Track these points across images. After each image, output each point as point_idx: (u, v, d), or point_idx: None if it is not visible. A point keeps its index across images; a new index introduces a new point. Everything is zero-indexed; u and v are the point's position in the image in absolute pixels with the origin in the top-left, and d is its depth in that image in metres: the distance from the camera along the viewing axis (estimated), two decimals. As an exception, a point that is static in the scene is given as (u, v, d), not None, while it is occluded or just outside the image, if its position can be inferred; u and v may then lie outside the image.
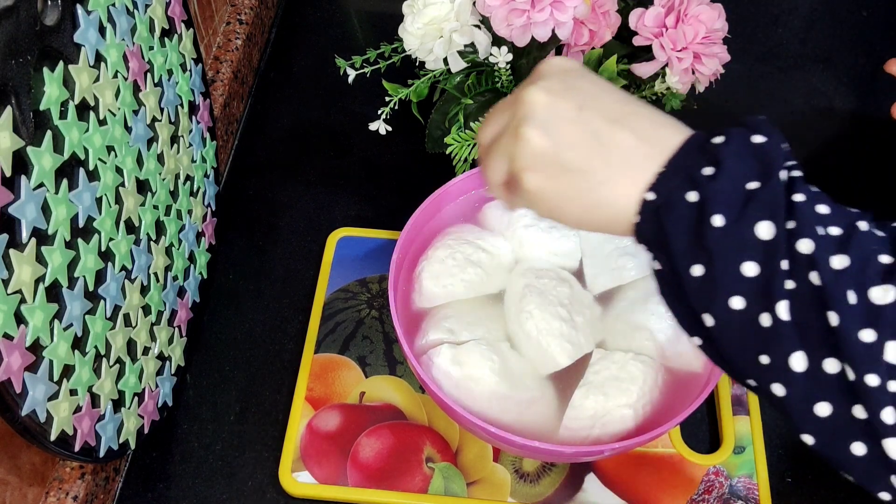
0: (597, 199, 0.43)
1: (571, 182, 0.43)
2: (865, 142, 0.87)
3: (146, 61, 0.59)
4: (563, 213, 0.44)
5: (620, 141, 0.42)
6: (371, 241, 0.77)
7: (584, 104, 0.44)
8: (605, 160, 0.42)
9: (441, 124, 0.73)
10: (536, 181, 0.44)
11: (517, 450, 0.59)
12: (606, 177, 0.42)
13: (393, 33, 0.70)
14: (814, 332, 0.36)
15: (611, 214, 0.43)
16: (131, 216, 0.57)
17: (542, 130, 0.43)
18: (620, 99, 0.44)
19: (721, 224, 0.38)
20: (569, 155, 0.43)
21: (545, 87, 0.44)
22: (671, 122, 0.44)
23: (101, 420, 0.55)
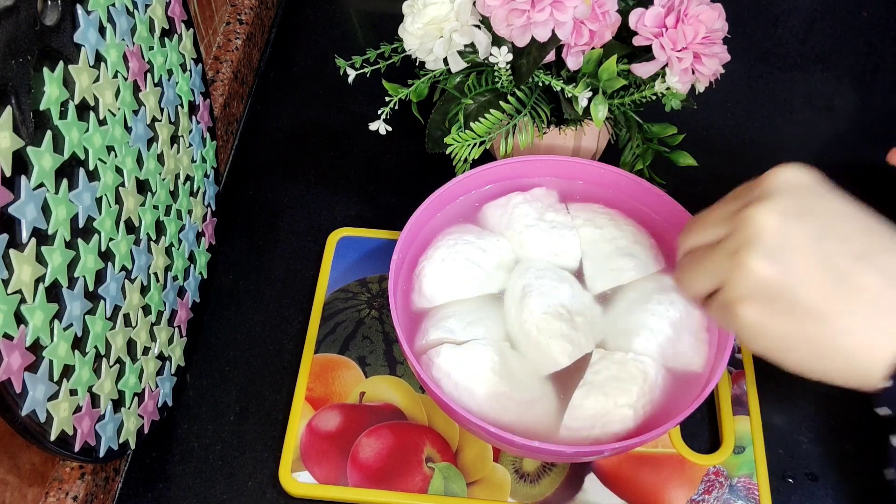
0: (833, 348, 0.37)
1: (802, 325, 0.38)
2: (865, 142, 0.86)
3: (146, 61, 0.59)
4: (785, 354, 0.39)
5: (868, 283, 0.37)
6: (371, 241, 0.77)
7: (823, 233, 0.38)
8: (849, 305, 0.37)
9: (441, 124, 0.73)
10: (757, 316, 0.39)
11: (517, 450, 0.59)
12: (848, 325, 0.37)
13: (393, 33, 0.70)
14: None
15: (849, 369, 0.37)
16: (131, 216, 0.57)
17: (772, 261, 0.38)
18: (866, 228, 0.39)
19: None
20: (801, 293, 0.37)
21: (777, 208, 0.39)
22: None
23: (101, 420, 0.55)
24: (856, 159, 0.85)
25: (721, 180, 0.84)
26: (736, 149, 0.85)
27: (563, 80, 0.68)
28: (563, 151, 0.73)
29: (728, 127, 0.87)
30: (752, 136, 0.87)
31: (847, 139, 0.87)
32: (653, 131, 0.70)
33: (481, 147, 0.68)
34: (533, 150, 0.72)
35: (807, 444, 0.66)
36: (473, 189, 0.69)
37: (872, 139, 0.87)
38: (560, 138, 0.72)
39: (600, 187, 0.69)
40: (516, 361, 0.61)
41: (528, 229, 0.66)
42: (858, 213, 0.40)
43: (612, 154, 0.76)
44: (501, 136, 0.69)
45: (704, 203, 0.68)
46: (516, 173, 0.69)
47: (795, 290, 0.37)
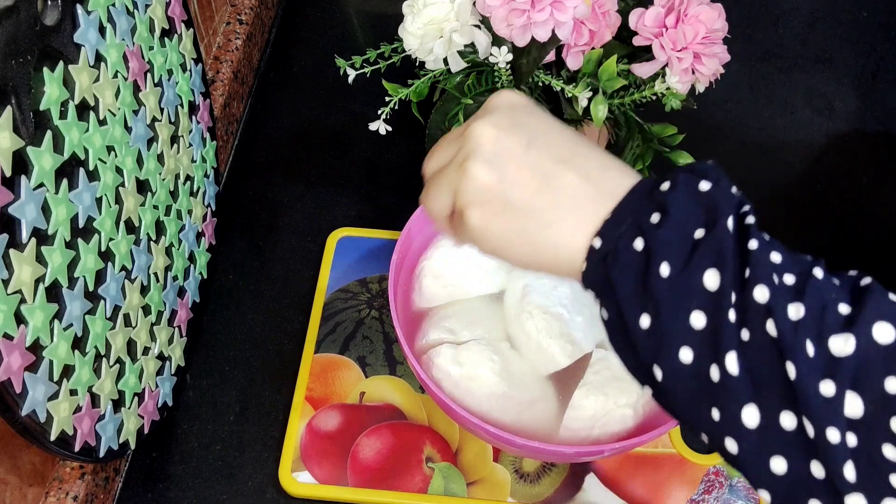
0: (542, 240, 0.41)
1: (516, 221, 0.42)
2: (866, 142, 0.86)
3: (146, 61, 0.59)
4: (507, 252, 0.43)
5: (567, 182, 0.41)
6: (371, 241, 0.77)
7: (532, 142, 0.42)
8: (551, 201, 0.41)
9: (441, 124, 0.73)
10: (480, 218, 0.43)
11: (517, 450, 0.59)
12: (552, 218, 0.41)
13: (393, 33, 0.70)
14: (769, 384, 0.35)
15: (557, 257, 0.41)
16: (131, 216, 0.57)
17: (489, 166, 0.42)
18: (570, 139, 0.43)
19: (667, 274, 0.37)
20: (514, 193, 0.42)
21: (494, 121, 0.43)
22: (619, 165, 0.43)
23: (101, 420, 0.55)
24: (856, 159, 0.85)
25: (721, 180, 0.85)
26: (736, 149, 0.85)
27: (563, 80, 0.68)
28: (563, 151, 0.73)
29: (728, 127, 0.87)
30: (752, 136, 0.87)
31: (847, 139, 0.87)
32: (653, 131, 0.70)
33: (481, 147, 0.68)
34: (533, 150, 0.72)
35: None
36: (473, 189, 0.69)
37: (872, 139, 0.87)
38: (560, 138, 0.72)
39: (600, 187, 0.69)
40: (516, 361, 0.61)
41: (528, 229, 0.66)
42: (562, 128, 0.44)
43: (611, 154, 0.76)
44: (501, 136, 0.69)
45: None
46: (516, 173, 0.69)
47: (509, 191, 0.42)
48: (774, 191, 0.82)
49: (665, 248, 0.38)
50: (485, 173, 0.42)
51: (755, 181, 0.83)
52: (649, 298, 0.38)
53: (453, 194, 0.44)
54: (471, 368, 0.59)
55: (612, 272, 0.39)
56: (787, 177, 0.83)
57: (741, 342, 0.35)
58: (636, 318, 0.38)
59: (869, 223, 0.80)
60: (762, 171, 0.83)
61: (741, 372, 0.35)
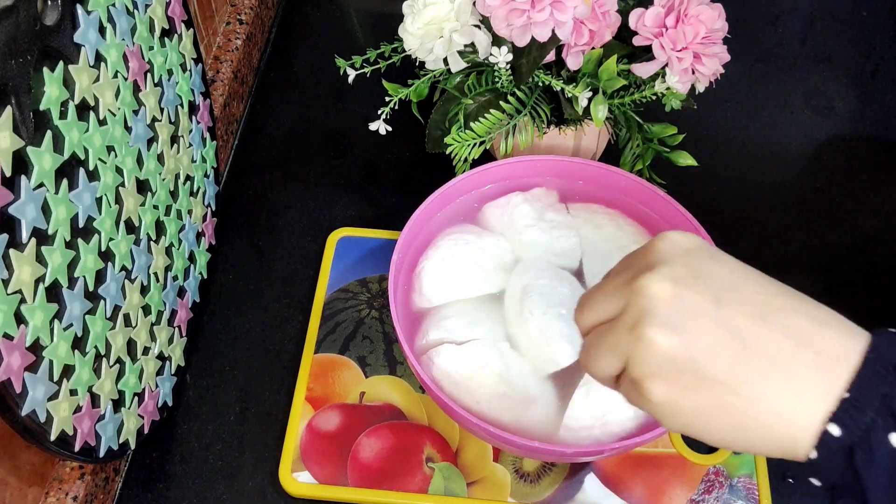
0: (751, 419, 0.35)
1: (714, 397, 0.35)
2: (866, 142, 0.86)
3: (146, 61, 0.59)
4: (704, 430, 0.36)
5: (774, 346, 0.35)
6: (371, 241, 0.77)
7: (721, 297, 0.36)
8: (759, 371, 0.35)
9: (441, 124, 0.73)
10: (667, 393, 0.36)
11: (517, 450, 0.59)
12: (761, 393, 0.35)
13: (393, 33, 0.70)
14: None
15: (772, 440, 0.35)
16: (131, 216, 0.57)
17: (671, 331, 0.36)
18: (764, 287, 0.37)
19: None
20: (707, 362, 0.35)
21: (669, 275, 0.37)
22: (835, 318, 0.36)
23: (101, 420, 0.55)
24: (855, 159, 0.85)
25: (721, 180, 0.85)
26: (736, 149, 0.85)
27: (563, 80, 0.68)
28: (563, 151, 0.73)
29: (728, 127, 0.87)
30: (752, 136, 0.87)
31: (847, 139, 0.87)
32: (653, 131, 0.70)
33: (481, 147, 0.68)
34: (533, 150, 0.72)
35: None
36: (473, 189, 0.69)
37: (872, 139, 0.87)
38: (560, 138, 0.72)
39: (600, 187, 0.69)
40: (516, 361, 0.61)
41: (528, 229, 0.66)
42: (752, 273, 0.38)
43: (612, 154, 0.76)
44: (501, 136, 0.69)
45: (704, 203, 0.68)
46: (516, 173, 0.69)
47: (701, 359, 0.35)
48: (774, 190, 0.82)
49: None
50: (667, 340, 0.36)
51: (755, 181, 0.83)
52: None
53: (623, 359, 0.38)
54: (471, 368, 0.59)
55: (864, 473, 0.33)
56: (787, 176, 0.83)
57: None
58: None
59: (869, 223, 0.80)
60: (762, 170, 0.83)
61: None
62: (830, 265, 0.77)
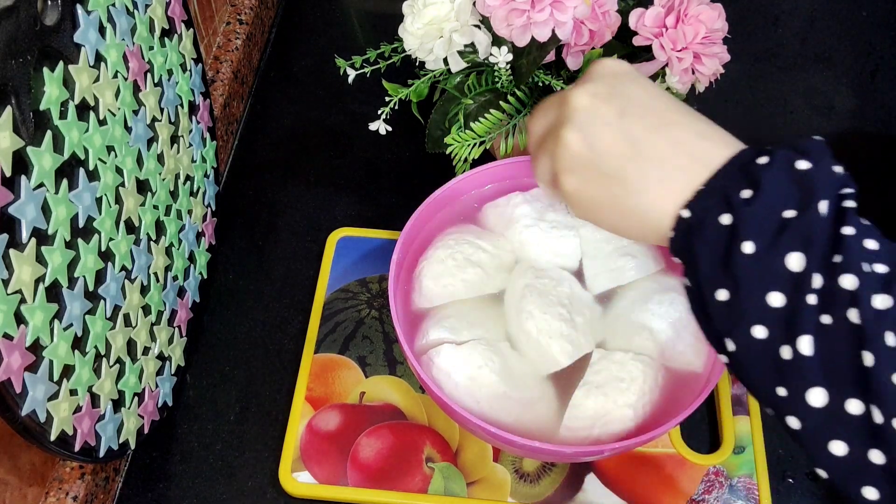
0: (632, 207, 0.42)
1: (607, 188, 0.43)
2: (866, 142, 0.86)
3: (146, 61, 0.59)
4: (598, 217, 0.44)
5: (658, 150, 0.42)
6: (371, 241, 0.77)
7: (626, 110, 0.43)
8: (641, 169, 0.42)
9: (441, 124, 0.73)
10: (573, 184, 0.44)
11: (517, 450, 0.59)
12: (642, 186, 0.42)
13: (393, 33, 0.70)
14: (842, 370, 0.35)
15: (646, 225, 0.42)
16: (131, 216, 0.57)
17: (581, 134, 0.43)
18: (667, 107, 0.43)
19: (751, 251, 0.37)
20: (605, 161, 0.42)
21: (591, 90, 0.44)
22: (717, 133, 0.43)
23: (101, 420, 0.55)
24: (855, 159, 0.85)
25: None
26: (736, 149, 0.85)
27: (563, 80, 0.68)
28: (563, 151, 0.73)
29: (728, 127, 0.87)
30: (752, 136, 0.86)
31: (847, 139, 0.87)
32: (653, 131, 0.70)
33: (481, 147, 0.68)
34: (533, 150, 0.72)
35: (807, 444, 0.66)
36: (473, 189, 0.69)
37: (872, 139, 0.87)
38: (560, 138, 0.72)
39: (600, 187, 0.69)
40: (516, 361, 0.60)
41: (528, 229, 0.66)
42: (663, 95, 0.44)
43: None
44: (501, 136, 0.69)
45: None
46: (516, 173, 0.69)
47: (601, 159, 0.43)
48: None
49: (752, 225, 0.38)
50: (576, 141, 0.43)
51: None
52: (729, 274, 0.38)
53: (551, 159, 0.45)
54: (471, 368, 0.59)
55: (695, 244, 0.39)
56: (787, 177, 0.83)
57: (820, 326, 0.36)
58: (714, 292, 0.39)
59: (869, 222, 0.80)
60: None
61: (814, 354, 0.36)
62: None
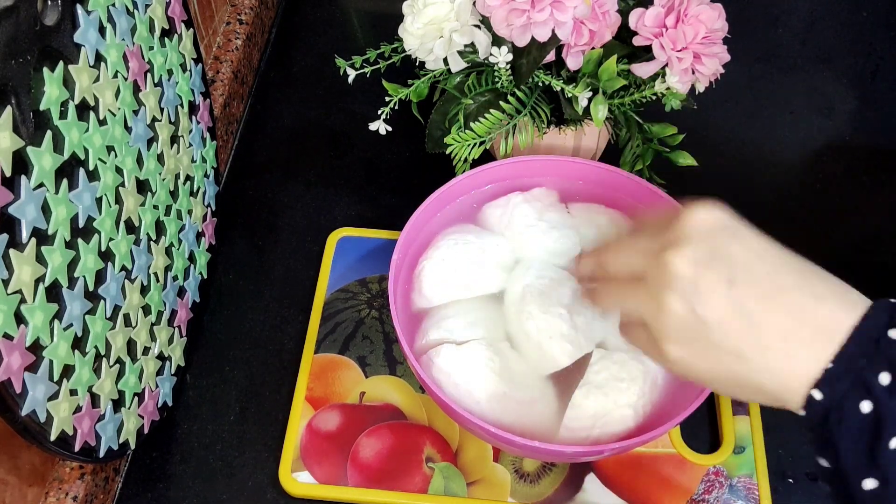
0: (752, 384, 0.41)
1: (722, 363, 0.41)
2: (866, 142, 0.86)
3: (146, 61, 0.59)
4: (714, 386, 0.43)
5: (776, 323, 0.40)
6: (371, 241, 0.77)
7: (734, 278, 0.41)
8: (760, 345, 0.40)
9: (441, 124, 0.73)
10: (682, 355, 0.42)
11: (517, 450, 0.59)
12: (762, 365, 0.40)
13: (393, 33, 0.70)
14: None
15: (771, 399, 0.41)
16: (131, 216, 0.57)
17: (688, 304, 0.41)
18: (777, 267, 0.41)
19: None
20: (718, 335, 0.40)
21: (691, 255, 0.41)
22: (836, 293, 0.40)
23: (101, 420, 0.55)
24: (856, 159, 0.85)
25: (721, 180, 0.85)
26: (736, 149, 0.85)
27: (563, 80, 0.68)
28: (563, 151, 0.73)
29: (728, 127, 0.87)
30: (752, 136, 0.87)
31: (847, 139, 0.87)
32: (653, 131, 0.70)
33: (481, 147, 0.68)
34: (533, 150, 0.72)
35: (807, 444, 0.66)
36: (473, 189, 0.69)
37: (872, 139, 0.87)
38: (560, 138, 0.72)
39: (600, 187, 0.69)
40: (516, 361, 0.60)
41: (528, 229, 0.66)
42: (769, 252, 0.42)
43: (612, 154, 0.76)
44: (501, 136, 0.69)
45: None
46: (516, 173, 0.69)
47: (712, 332, 0.41)
48: (774, 190, 0.82)
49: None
50: (685, 311, 0.41)
51: (755, 181, 0.83)
52: (876, 465, 0.37)
53: (642, 316, 0.43)
54: (471, 368, 0.59)
55: (836, 433, 0.38)
56: (787, 176, 0.83)
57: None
58: (860, 481, 0.37)
59: (869, 223, 0.80)
60: (762, 170, 0.83)
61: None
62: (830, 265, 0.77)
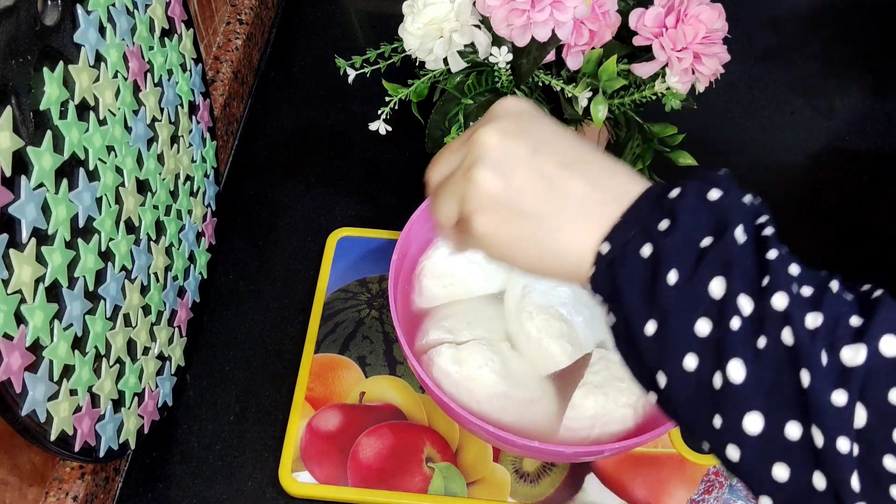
0: (550, 246, 0.42)
1: (523, 227, 0.42)
2: (865, 142, 0.86)
3: (146, 61, 0.59)
4: (514, 257, 0.43)
5: (573, 187, 0.41)
6: (371, 241, 0.77)
7: (537, 147, 0.43)
8: (558, 206, 0.41)
9: (441, 124, 0.73)
10: (487, 224, 0.43)
11: (517, 450, 0.59)
12: (559, 224, 0.41)
13: (393, 33, 0.70)
14: (778, 393, 0.35)
15: (565, 263, 0.42)
16: (131, 216, 0.57)
17: (495, 172, 0.42)
18: (574, 144, 0.43)
19: (675, 281, 0.37)
20: (520, 199, 0.42)
21: (499, 128, 0.43)
22: (626, 170, 0.43)
23: (101, 420, 0.55)
24: (855, 159, 0.85)
25: (721, 180, 0.84)
26: (736, 149, 0.85)
27: (563, 80, 0.68)
28: (563, 151, 0.73)
29: (728, 127, 0.87)
30: (752, 136, 0.87)
31: (847, 139, 0.87)
32: (653, 131, 0.70)
33: (481, 147, 0.68)
34: (533, 150, 0.72)
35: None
36: (473, 189, 0.69)
37: (872, 139, 0.87)
38: (560, 138, 0.72)
39: (600, 187, 0.69)
40: (516, 361, 0.61)
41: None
42: (567, 134, 0.44)
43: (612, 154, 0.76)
44: (501, 136, 0.69)
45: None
46: (516, 173, 0.69)
47: (516, 197, 0.42)
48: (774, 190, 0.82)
49: (673, 255, 0.38)
50: (491, 179, 0.42)
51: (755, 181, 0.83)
52: (656, 306, 0.38)
53: (460, 202, 0.44)
54: (471, 368, 0.59)
55: (619, 278, 0.39)
56: (787, 176, 0.83)
57: (753, 349, 0.35)
58: (642, 325, 0.38)
59: (869, 222, 0.80)
60: (762, 170, 0.83)
61: (747, 378, 0.35)
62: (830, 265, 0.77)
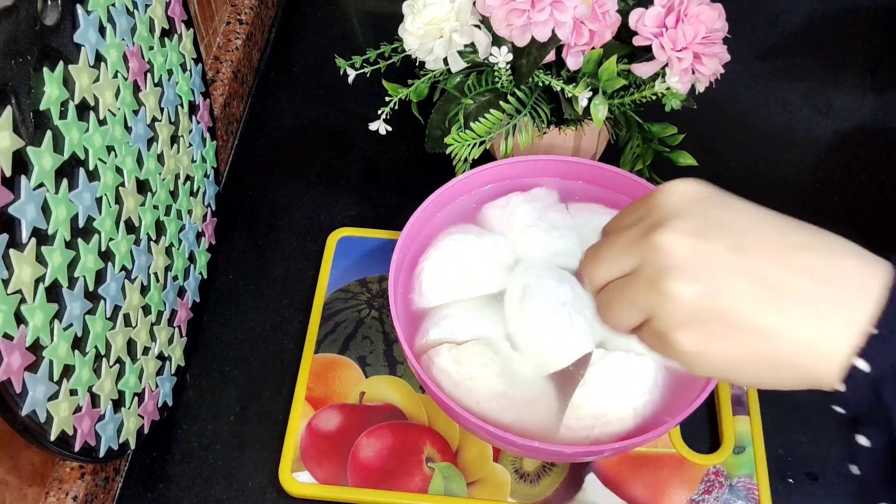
0: (783, 360, 0.36)
1: (744, 342, 0.36)
2: (865, 142, 0.86)
3: (146, 61, 0.59)
4: (734, 374, 0.37)
5: (797, 286, 0.35)
6: (371, 241, 0.77)
7: (739, 244, 0.36)
8: (786, 313, 0.35)
9: (441, 124, 0.73)
10: (695, 343, 0.36)
11: (517, 450, 0.59)
12: (792, 335, 0.35)
13: (393, 33, 0.70)
14: None
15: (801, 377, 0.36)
16: (131, 216, 0.57)
17: (693, 283, 0.36)
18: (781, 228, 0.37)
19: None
20: (736, 311, 0.35)
21: (683, 229, 0.37)
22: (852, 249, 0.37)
23: (101, 420, 0.55)
24: (855, 158, 0.85)
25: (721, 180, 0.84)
26: (735, 149, 0.85)
27: (563, 80, 0.68)
28: (563, 151, 0.73)
29: (728, 127, 0.87)
30: (752, 136, 0.87)
31: (847, 139, 0.87)
32: (653, 131, 0.70)
33: (481, 147, 0.68)
34: (533, 150, 0.72)
35: (807, 444, 0.66)
36: (473, 189, 0.69)
37: (872, 139, 0.87)
38: (560, 138, 0.72)
39: (600, 187, 0.69)
40: (516, 361, 0.61)
41: (528, 229, 0.66)
42: (765, 215, 0.38)
43: (612, 154, 0.76)
44: (501, 136, 0.69)
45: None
46: (516, 173, 0.69)
47: (728, 307, 0.36)
48: (774, 190, 0.82)
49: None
50: (692, 292, 0.36)
51: (755, 180, 0.83)
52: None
53: (644, 313, 0.38)
54: (471, 368, 0.59)
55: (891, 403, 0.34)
56: (787, 176, 0.83)
57: None
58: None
59: (869, 222, 0.80)
60: (761, 170, 0.83)
61: None
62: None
